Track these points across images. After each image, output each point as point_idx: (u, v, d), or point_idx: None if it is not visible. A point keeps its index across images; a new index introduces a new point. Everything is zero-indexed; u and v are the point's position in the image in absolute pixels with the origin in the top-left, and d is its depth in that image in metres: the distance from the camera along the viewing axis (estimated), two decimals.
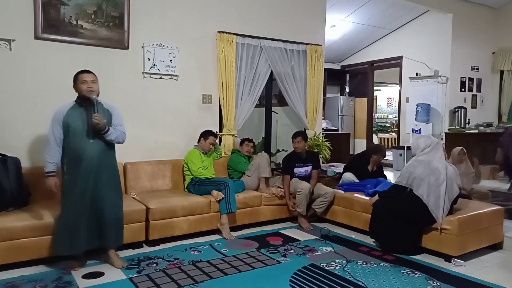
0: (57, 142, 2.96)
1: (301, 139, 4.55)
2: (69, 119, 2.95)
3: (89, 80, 2.99)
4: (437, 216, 3.36)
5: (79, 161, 2.94)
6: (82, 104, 3.02)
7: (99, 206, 3.02)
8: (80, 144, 2.95)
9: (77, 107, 3.02)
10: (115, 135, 3.06)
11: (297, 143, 4.54)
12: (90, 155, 2.96)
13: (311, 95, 5.64)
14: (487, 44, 8.37)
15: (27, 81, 3.78)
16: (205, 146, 4.37)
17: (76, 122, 2.96)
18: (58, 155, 2.98)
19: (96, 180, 2.99)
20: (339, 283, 2.92)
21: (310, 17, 5.68)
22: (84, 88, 2.97)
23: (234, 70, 4.89)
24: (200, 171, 4.21)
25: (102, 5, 4.07)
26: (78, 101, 3.04)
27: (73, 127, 2.94)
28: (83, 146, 2.95)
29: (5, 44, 3.65)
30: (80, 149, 2.94)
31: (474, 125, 7.92)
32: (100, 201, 3.02)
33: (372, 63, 9.59)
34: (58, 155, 2.98)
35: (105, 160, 3.06)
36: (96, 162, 2.98)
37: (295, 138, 4.57)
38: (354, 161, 5.02)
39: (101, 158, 3.02)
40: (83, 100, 3.01)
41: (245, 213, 4.21)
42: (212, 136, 4.42)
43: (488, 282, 2.98)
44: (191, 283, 2.88)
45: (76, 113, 2.99)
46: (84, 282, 2.87)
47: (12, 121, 3.72)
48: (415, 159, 3.57)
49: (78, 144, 2.94)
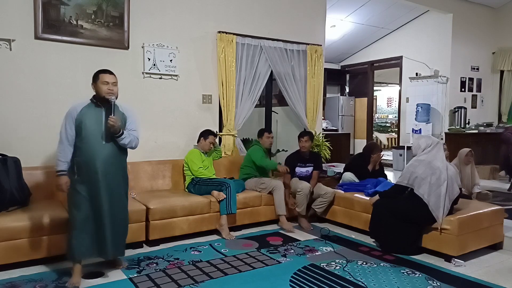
0: (69, 140, 2.83)
1: (308, 139, 4.56)
2: (84, 118, 2.84)
3: (111, 82, 2.90)
4: (437, 215, 3.36)
5: (91, 163, 2.83)
6: (98, 105, 2.91)
7: (107, 213, 2.86)
8: (93, 145, 2.84)
9: (93, 106, 2.90)
10: (129, 139, 2.95)
11: (304, 142, 4.53)
12: (103, 157, 2.85)
13: (311, 95, 5.64)
14: (487, 44, 8.38)
15: (27, 81, 3.78)
16: (205, 146, 4.37)
17: (91, 122, 2.85)
18: (70, 154, 2.86)
19: (107, 184, 2.86)
20: (339, 283, 2.92)
21: (310, 17, 5.68)
22: (104, 89, 2.87)
23: (234, 70, 4.89)
24: (201, 171, 4.21)
25: (102, 5, 4.08)
26: (95, 101, 2.92)
27: (87, 127, 2.83)
28: (96, 148, 2.84)
29: (5, 44, 3.66)
30: (93, 151, 2.83)
31: (474, 125, 7.92)
32: (109, 207, 2.87)
33: (372, 63, 9.59)
34: (69, 154, 2.85)
35: (117, 164, 2.96)
36: (108, 165, 2.87)
37: (303, 137, 4.56)
38: (354, 161, 5.00)
39: (113, 161, 2.92)
40: (100, 100, 2.90)
41: (245, 213, 4.21)
42: (212, 135, 4.41)
43: (488, 282, 2.97)
44: (191, 283, 2.88)
45: (92, 113, 2.88)
46: (84, 282, 2.87)
47: (12, 121, 3.72)
48: (416, 159, 3.57)
49: (91, 145, 2.83)
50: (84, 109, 2.87)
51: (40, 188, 3.60)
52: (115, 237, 2.93)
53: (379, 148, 4.87)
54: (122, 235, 3.03)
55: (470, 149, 4.57)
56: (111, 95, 2.88)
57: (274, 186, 4.30)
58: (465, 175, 4.54)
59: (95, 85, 2.92)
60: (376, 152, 4.64)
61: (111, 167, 2.90)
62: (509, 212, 4.05)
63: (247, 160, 4.62)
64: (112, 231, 2.89)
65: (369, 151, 4.67)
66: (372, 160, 4.62)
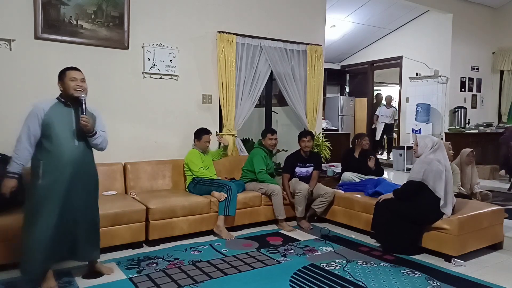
0: (30, 140, 2.63)
1: (310, 138, 4.57)
2: (52, 118, 2.65)
3: (79, 78, 2.73)
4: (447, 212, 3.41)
5: (61, 166, 2.65)
6: (67, 104, 2.73)
7: (78, 217, 2.75)
8: (64, 147, 2.66)
9: (61, 106, 2.73)
10: (101, 140, 2.83)
11: (307, 142, 4.53)
12: (75, 158, 2.70)
13: (311, 95, 5.64)
14: (487, 44, 8.38)
15: (27, 81, 3.78)
16: (202, 146, 4.36)
17: (60, 122, 2.68)
18: (28, 156, 2.64)
19: (78, 187, 2.72)
20: (339, 283, 2.92)
21: (310, 17, 5.68)
22: (72, 85, 2.69)
23: (234, 70, 4.89)
24: (201, 171, 4.21)
25: (102, 5, 4.08)
26: (63, 99, 2.74)
27: (56, 128, 2.65)
28: (67, 150, 2.67)
29: (5, 44, 3.66)
30: (63, 153, 2.66)
31: (474, 125, 7.93)
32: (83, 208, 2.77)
33: (372, 63, 9.60)
34: (28, 155, 2.64)
35: (89, 165, 2.84)
36: (81, 166, 2.74)
37: (305, 137, 4.55)
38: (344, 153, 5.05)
39: (85, 163, 2.79)
40: (69, 99, 2.73)
41: (245, 213, 4.21)
42: (205, 134, 4.35)
43: (488, 282, 2.97)
44: (191, 283, 2.88)
45: (61, 112, 2.70)
46: (84, 282, 2.87)
47: (12, 121, 3.70)
48: (425, 156, 3.54)
49: (61, 147, 2.65)
50: (51, 108, 2.68)
51: None
52: (88, 239, 2.83)
53: (365, 135, 5.04)
54: (95, 237, 2.91)
55: (471, 150, 4.57)
56: (81, 92, 2.71)
57: (272, 190, 4.29)
58: (466, 175, 4.54)
59: (61, 83, 2.74)
60: (361, 138, 4.81)
61: (84, 168, 2.78)
62: (509, 212, 4.05)
63: (249, 165, 4.59)
64: (85, 233, 2.80)
65: (355, 139, 4.92)
66: (357, 145, 4.81)
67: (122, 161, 4.18)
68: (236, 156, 4.98)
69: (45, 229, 2.63)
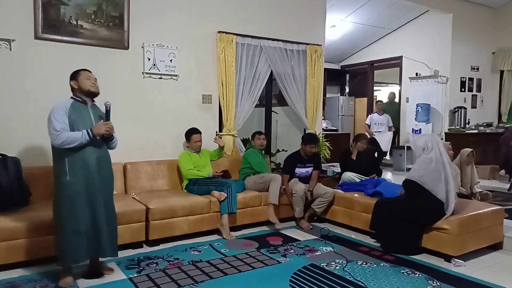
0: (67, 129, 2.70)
1: (315, 146, 4.60)
2: (74, 115, 2.74)
3: (93, 77, 2.87)
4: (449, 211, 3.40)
5: (84, 164, 2.76)
6: (83, 101, 2.83)
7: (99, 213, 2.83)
8: (87, 144, 2.75)
9: (78, 103, 2.81)
10: (116, 143, 3.01)
11: (311, 149, 4.52)
12: (97, 155, 2.81)
13: (311, 95, 5.64)
14: (487, 44, 8.38)
15: (27, 81, 3.78)
16: (193, 146, 4.36)
17: (82, 119, 2.77)
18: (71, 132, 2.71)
19: (99, 185, 2.82)
20: (339, 283, 2.92)
21: (310, 17, 5.68)
22: (88, 83, 2.81)
23: (234, 70, 4.89)
24: (191, 172, 4.21)
25: (102, 5, 4.08)
26: (79, 98, 2.83)
27: (80, 125, 2.74)
28: (89, 148, 2.77)
29: (5, 44, 3.66)
30: (85, 151, 2.75)
31: (474, 125, 7.93)
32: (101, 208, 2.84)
33: (372, 63, 9.59)
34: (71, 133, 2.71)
35: (108, 162, 2.94)
36: (101, 163, 2.85)
37: (311, 145, 4.49)
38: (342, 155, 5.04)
39: (105, 159, 2.90)
40: (84, 95, 2.82)
41: (245, 213, 4.21)
42: (194, 134, 4.35)
43: (488, 282, 2.97)
44: (191, 283, 2.88)
45: (79, 110, 2.79)
46: (84, 282, 2.87)
47: (12, 121, 3.72)
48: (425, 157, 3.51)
49: (83, 146, 2.74)
50: (71, 106, 2.77)
51: (40, 188, 3.59)
52: (110, 236, 2.90)
53: (363, 137, 5.00)
54: (115, 234, 2.99)
55: (471, 150, 4.57)
56: (96, 89, 2.85)
57: (272, 177, 4.32)
58: (466, 175, 4.54)
59: (76, 82, 2.82)
60: (360, 141, 4.79)
61: (104, 165, 2.89)
62: (509, 212, 4.05)
63: (244, 163, 4.65)
64: (107, 230, 2.87)
65: (353, 141, 4.90)
66: (354, 147, 4.79)
67: (122, 161, 4.18)
68: (236, 156, 4.98)
69: (82, 220, 2.75)
